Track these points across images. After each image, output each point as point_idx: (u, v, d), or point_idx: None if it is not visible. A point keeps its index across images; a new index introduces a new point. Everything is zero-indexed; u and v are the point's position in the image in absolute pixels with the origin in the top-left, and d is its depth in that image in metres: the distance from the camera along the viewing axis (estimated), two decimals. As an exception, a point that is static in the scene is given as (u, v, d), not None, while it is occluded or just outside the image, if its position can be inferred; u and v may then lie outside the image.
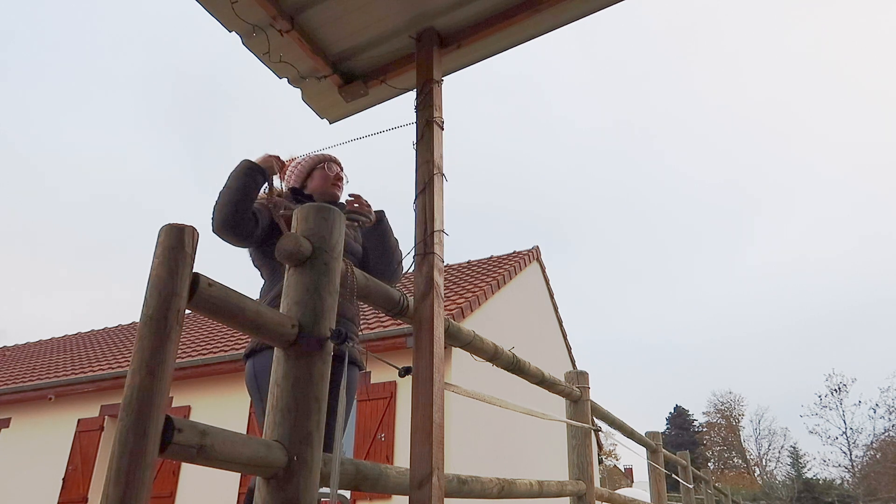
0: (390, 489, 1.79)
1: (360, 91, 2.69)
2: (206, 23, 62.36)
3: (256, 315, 1.24)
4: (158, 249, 1.09)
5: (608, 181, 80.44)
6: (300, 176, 2.53)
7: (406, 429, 7.89)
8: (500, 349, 2.58)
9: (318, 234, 1.48)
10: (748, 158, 68.80)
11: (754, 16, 65.64)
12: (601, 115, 79.16)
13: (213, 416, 9.21)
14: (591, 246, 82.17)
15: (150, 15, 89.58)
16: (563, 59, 78.36)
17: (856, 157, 62.91)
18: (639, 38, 72.29)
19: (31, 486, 10.49)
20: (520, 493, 2.55)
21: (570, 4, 2.33)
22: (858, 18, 61.56)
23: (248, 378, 2.17)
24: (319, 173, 2.50)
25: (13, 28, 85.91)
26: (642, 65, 73.20)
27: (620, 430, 4.79)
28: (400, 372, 1.82)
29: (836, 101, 66.12)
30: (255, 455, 1.16)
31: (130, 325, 16.57)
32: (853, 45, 63.23)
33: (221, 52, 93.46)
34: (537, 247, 12.84)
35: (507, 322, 10.46)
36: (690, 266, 73.26)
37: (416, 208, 2.15)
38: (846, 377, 37.69)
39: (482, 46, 2.53)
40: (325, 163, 2.52)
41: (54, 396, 10.72)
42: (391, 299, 1.90)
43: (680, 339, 68.38)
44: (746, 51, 67.83)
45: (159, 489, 9.13)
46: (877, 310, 54.64)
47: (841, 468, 33.76)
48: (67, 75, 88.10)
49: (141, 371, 0.99)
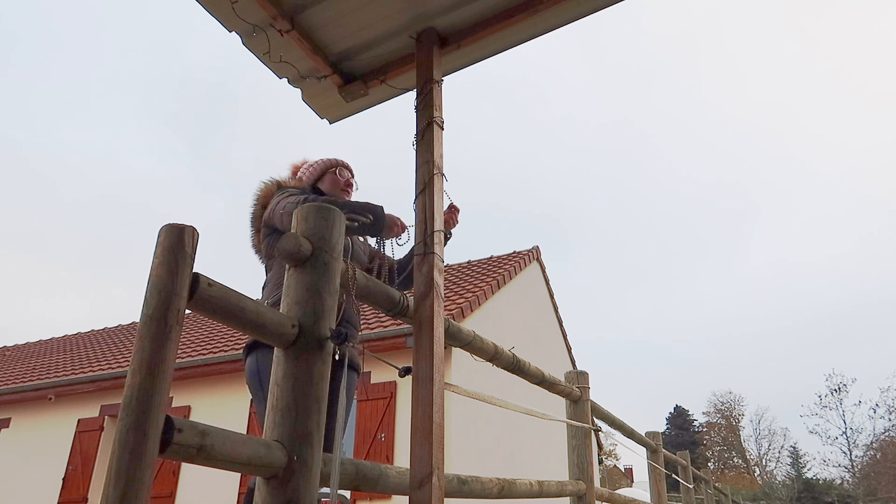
0: (390, 489, 1.79)
1: (360, 91, 2.69)
2: (207, 26, 63.00)
3: (256, 315, 1.24)
4: (158, 249, 1.09)
5: (608, 181, 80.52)
6: (311, 178, 2.55)
7: (406, 429, 7.89)
8: (500, 349, 2.58)
9: (318, 234, 1.48)
10: (748, 159, 68.91)
11: (755, 18, 65.75)
12: (602, 116, 79.30)
13: (213, 416, 9.22)
14: (592, 246, 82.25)
15: (152, 17, 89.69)
16: (563, 60, 78.55)
17: (855, 158, 63.00)
18: (640, 39, 72.46)
19: (31, 486, 10.49)
20: (520, 493, 2.55)
21: (570, 4, 2.34)
22: (859, 21, 61.75)
23: (249, 374, 2.12)
24: (330, 177, 2.54)
25: (18, 28, 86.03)
26: (644, 65, 73.35)
27: (620, 430, 4.79)
28: (400, 372, 1.82)
29: (836, 103, 66.24)
30: (255, 455, 1.16)
31: (130, 325, 16.57)
32: (853, 47, 63.35)
33: (223, 55, 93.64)
34: (537, 247, 12.84)
35: (507, 322, 10.46)
36: (690, 266, 73.35)
37: (416, 208, 2.15)
38: (846, 377, 37.74)
39: (482, 46, 2.54)
40: (337, 168, 2.56)
41: (54, 396, 10.72)
42: (391, 299, 1.90)
43: (680, 338, 68.43)
44: (747, 52, 67.98)
45: (159, 489, 9.13)
46: (877, 310, 54.69)
47: (841, 468, 33.77)
48: (70, 77, 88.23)
49: (141, 371, 0.99)
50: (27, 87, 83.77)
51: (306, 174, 2.55)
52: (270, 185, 2.40)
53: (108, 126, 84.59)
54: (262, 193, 2.39)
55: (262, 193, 2.39)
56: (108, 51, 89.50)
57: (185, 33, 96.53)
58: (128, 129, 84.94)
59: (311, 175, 2.54)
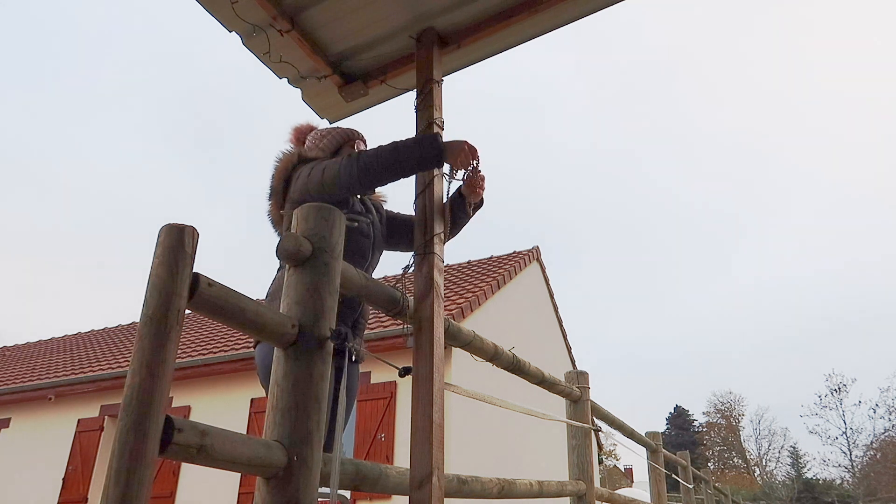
0: (390, 489, 1.79)
1: (360, 91, 2.69)
2: (209, 29, 62.79)
3: (256, 315, 1.24)
4: (158, 249, 1.09)
5: (611, 181, 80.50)
6: (328, 149, 2.41)
7: (406, 429, 7.89)
8: (500, 349, 2.58)
9: (318, 234, 1.48)
10: (751, 162, 68.87)
11: (744, 37, 66.06)
12: (595, 135, 79.60)
13: (213, 416, 9.22)
14: (593, 246, 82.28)
15: (160, 26, 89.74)
16: (559, 79, 78.93)
17: (854, 158, 63.03)
18: (633, 58, 72.63)
19: (31, 486, 10.49)
20: (520, 493, 2.55)
21: (570, 4, 2.34)
22: (848, 36, 62.23)
23: (261, 368, 2.06)
24: (348, 151, 2.40)
25: (27, 37, 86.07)
26: (634, 84, 73.80)
27: (620, 430, 4.79)
28: (400, 372, 1.81)
29: (826, 118, 66.57)
30: (255, 455, 1.16)
31: (130, 325, 16.57)
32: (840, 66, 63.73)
33: (226, 62, 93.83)
34: (537, 247, 12.84)
35: (507, 322, 10.46)
36: (691, 266, 73.34)
37: (417, 208, 2.15)
38: (846, 377, 37.83)
39: (482, 46, 2.54)
40: (355, 141, 2.43)
41: (54, 396, 10.72)
42: (391, 299, 1.90)
43: (680, 338, 68.44)
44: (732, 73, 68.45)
45: (159, 489, 9.13)
46: (877, 310, 54.69)
47: (841, 468, 33.81)
48: (72, 81, 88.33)
49: (141, 371, 0.99)
50: (30, 92, 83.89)
51: (323, 143, 2.42)
52: (290, 156, 2.28)
53: (110, 127, 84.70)
54: (283, 165, 2.27)
55: (283, 165, 2.27)
56: (116, 59, 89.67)
57: (192, 43, 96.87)
58: (129, 129, 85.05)
59: (327, 145, 2.41)
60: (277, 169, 2.29)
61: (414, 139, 2.05)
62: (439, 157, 2.03)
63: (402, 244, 2.53)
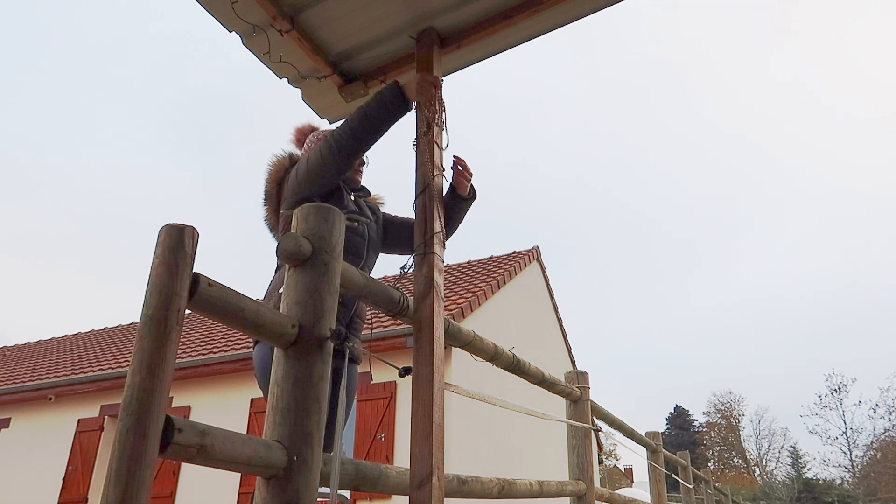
0: (390, 489, 1.79)
1: (361, 91, 2.69)
2: (209, 29, 62.84)
3: (256, 315, 1.24)
4: (158, 249, 1.09)
5: (611, 180, 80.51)
6: None
7: (406, 429, 7.89)
8: (500, 349, 2.58)
9: (318, 234, 1.48)
10: (754, 159, 68.85)
11: (752, 31, 65.95)
12: (598, 127, 79.60)
13: (213, 416, 9.21)
14: (594, 246, 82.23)
15: (161, 28, 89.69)
16: (560, 71, 78.88)
17: (860, 144, 62.98)
18: (637, 51, 72.60)
19: (31, 486, 10.49)
20: (520, 493, 2.55)
21: (570, 4, 2.33)
22: (852, 38, 62.22)
23: (260, 368, 2.05)
24: None
25: (27, 37, 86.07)
26: (638, 79, 73.86)
27: (620, 430, 4.78)
28: (400, 372, 1.81)
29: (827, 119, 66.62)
30: (255, 455, 1.16)
31: (130, 325, 16.57)
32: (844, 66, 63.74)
33: (226, 62, 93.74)
34: (537, 247, 12.84)
35: (507, 322, 10.46)
36: (692, 266, 73.32)
37: (417, 208, 2.14)
38: (846, 377, 37.80)
39: (482, 46, 2.53)
40: None
41: (54, 396, 10.72)
42: (391, 299, 1.89)
43: (680, 338, 68.43)
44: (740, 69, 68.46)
45: (159, 489, 9.13)
46: (877, 310, 54.67)
47: (841, 468, 33.78)
48: (72, 81, 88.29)
49: (141, 371, 0.99)
50: (30, 91, 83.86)
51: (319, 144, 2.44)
52: (282, 160, 2.32)
53: (110, 128, 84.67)
54: (275, 169, 2.31)
55: (275, 169, 2.31)
56: (116, 59, 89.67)
57: (190, 47, 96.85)
58: (130, 130, 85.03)
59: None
60: (270, 173, 2.32)
61: (375, 94, 2.15)
62: (402, 97, 2.12)
63: (399, 247, 2.53)
